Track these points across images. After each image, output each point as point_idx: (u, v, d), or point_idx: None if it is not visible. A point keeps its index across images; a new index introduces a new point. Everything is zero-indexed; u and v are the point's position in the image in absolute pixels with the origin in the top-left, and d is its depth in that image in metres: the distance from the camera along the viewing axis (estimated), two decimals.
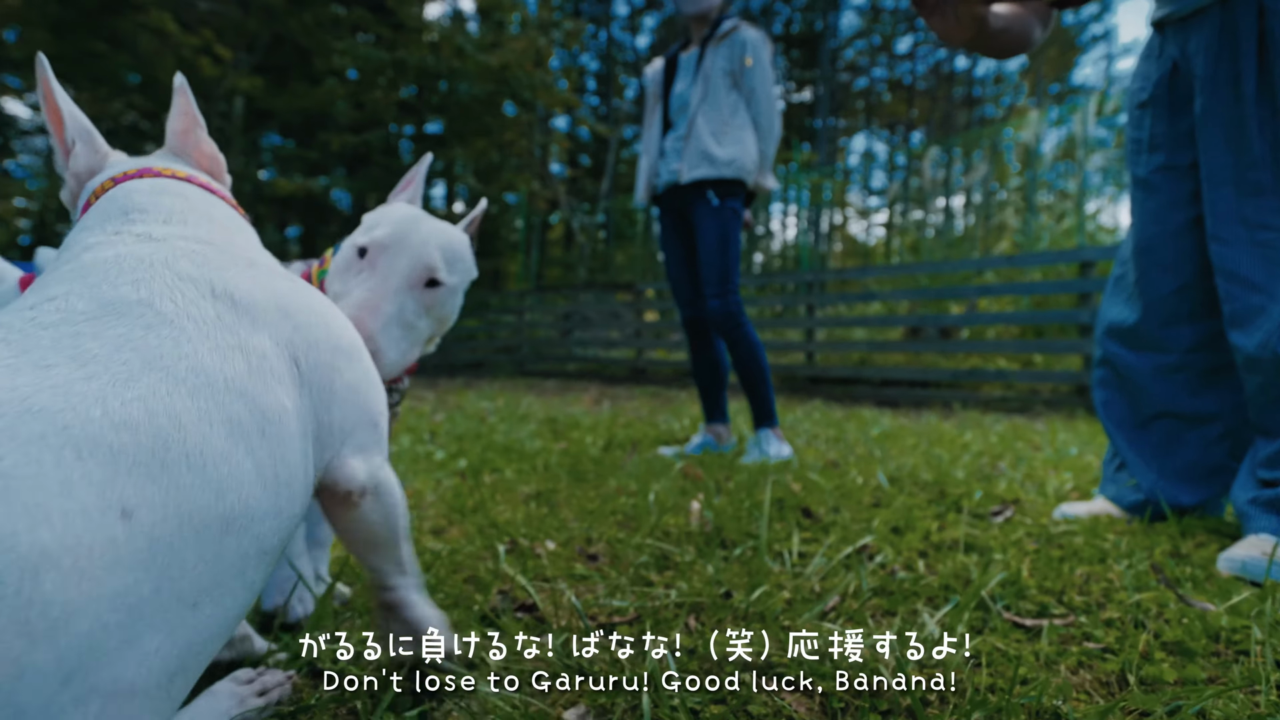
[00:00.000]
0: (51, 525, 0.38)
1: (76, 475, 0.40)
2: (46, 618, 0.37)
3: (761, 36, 2.61)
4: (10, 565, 0.36)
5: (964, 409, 5.01)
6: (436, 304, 0.89)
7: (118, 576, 0.40)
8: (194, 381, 0.49)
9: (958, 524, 1.47)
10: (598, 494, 1.76)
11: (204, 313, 0.53)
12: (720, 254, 2.55)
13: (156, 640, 0.42)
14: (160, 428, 0.45)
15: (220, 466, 0.47)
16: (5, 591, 0.36)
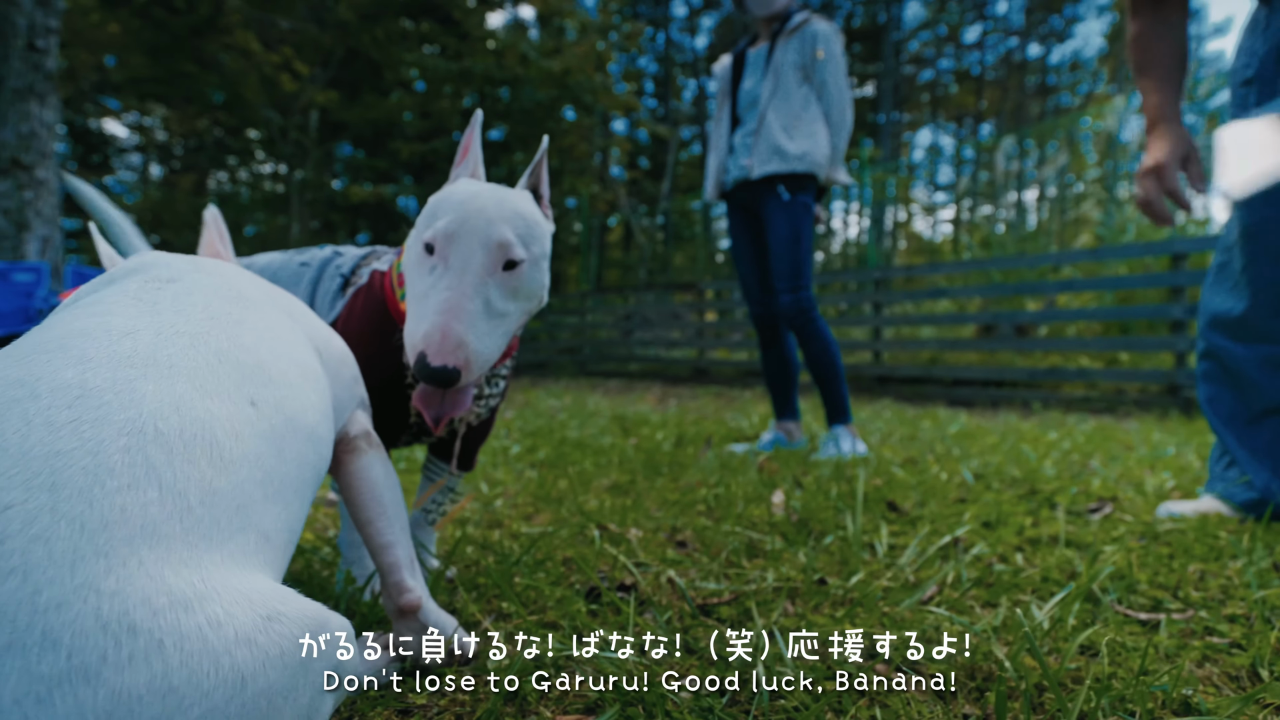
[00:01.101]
0: (212, 399, 0.50)
1: (221, 373, 0.53)
2: (221, 458, 0.48)
3: (834, 29, 2.58)
4: (193, 420, 0.48)
5: (1044, 409, 4.81)
6: (522, 284, 0.82)
7: (254, 444, 0.51)
8: (273, 335, 0.62)
9: (1053, 520, 1.42)
10: (676, 486, 1.78)
11: (262, 298, 0.68)
12: (792, 249, 2.53)
13: (276, 509, 0.52)
14: (262, 356, 0.58)
15: (298, 391, 0.60)
16: (194, 434, 0.47)
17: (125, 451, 0.43)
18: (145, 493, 0.42)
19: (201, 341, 0.54)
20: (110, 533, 0.40)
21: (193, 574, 0.42)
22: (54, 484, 0.40)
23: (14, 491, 0.39)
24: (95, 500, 0.40)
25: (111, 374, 0.47)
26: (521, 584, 0.98)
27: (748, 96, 2.67)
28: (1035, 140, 10.00)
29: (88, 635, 0.36)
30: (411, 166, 13.97)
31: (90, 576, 0.38)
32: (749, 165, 2.58)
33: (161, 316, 0.55)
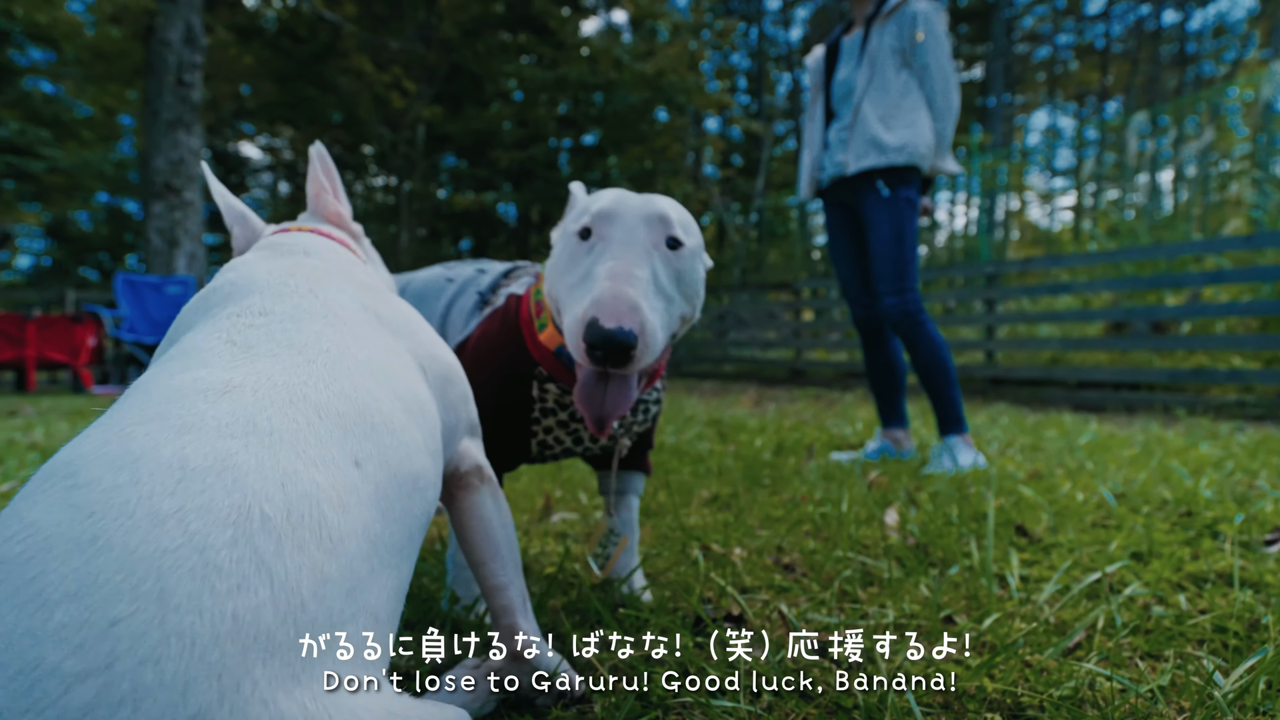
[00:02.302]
0: (318, 468, 0.46)
1: (322, 431, 0.48)
2: (332, 538, 0.44)
3: (935, 7, 2.41)
4: (300, 497, 0.44)
5: (1189, 415, 4.33)
6: (684, 269, 0.77)
7: (361, 514, 0.47)
8: (372, 367, 0.57)
9: (1219, 553, 1.25)
10: (779, 500, 1.71)
11: (361, 319, 0.63)
12: (895, 248, 2.39)
13: (386, 576, 0.48)
14: (363, 401, 0.53)
15: (402, 434, 0.55)
16: (303, 516, 0.43)
17: (232, 545, 0.39)
18: (257, 594, 0.39)
19: (300, 395, 0.50)
20: (222, 648, 0.37)
21: (304, 694, 0.39)
22: (161, 591, 0.37)
23: (122, 604, 0.36)
24: (205, 609, 0.37)
25: (211, 447, 0.44)
26: (625, 612, 0.95)
27: (842, 88, 2.54)
28: (1172, 116, 9.06)
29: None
30: (510, 174, 14.44)
31: (204, 706, 0.35)
32: (844, 161, 2.46)
33: (257, 364, 0.52)
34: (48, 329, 5.75)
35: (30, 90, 9.78)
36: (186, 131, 7.04)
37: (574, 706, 0.73)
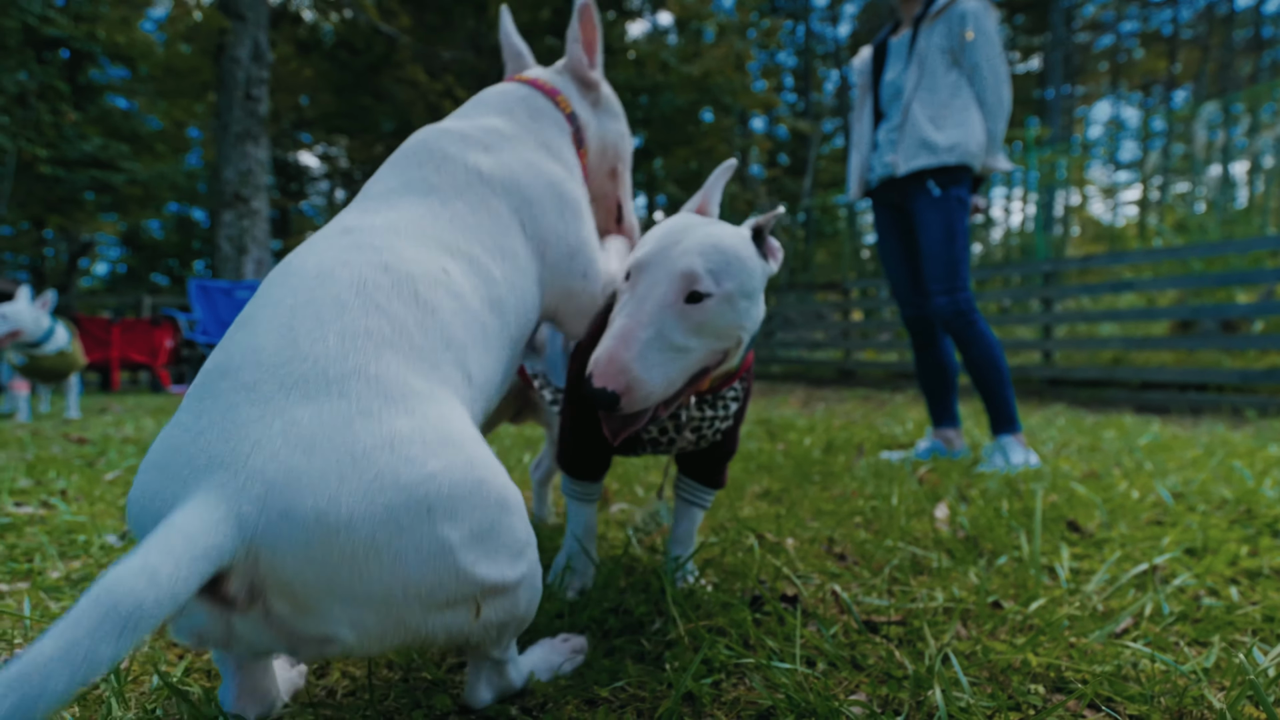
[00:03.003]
0: (413, 265, 0.68)
1: (415, 249, 0.70)
2: (420, 302, 0.65)
3: (984, 5, 2.40)
4: (402, 276, 0.66)
5: (1261, 417, 4.17)
6: (708, 319, 0.80)
7: (446, 296, 0.68)
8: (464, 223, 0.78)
9: (1276, 550, 1.25)
10: (829, 495, 1.75)
11: (461, 180, 0.81)
12: (946, 247, 2.39)
13: (476, 349, 0.70)
14: (457, 238, 0.76)
15: (488, 268, 0.76)
16: (402, 286, 0.65)
17: (356, 293, 0.62)
18: (375, 318, 0.61)
19: (397, 229, 0.72)
20: (366, 345, 0.59)
21: (416, 378, 0.59)
22: (319, 316, 0.60)
23: (307, 322, 0.59)
24: (345, 325, 0.59)
25: (335, 257, 0.66)
26: (687, 589, 1.02)
27: (890, 88, 2.55)
28: (1246, 104, 8.65)
29: (355, 391, 0.55)
30: None
31: (360, 362, 0.57)
32: (894, 162, 2.47)
33: (379, 216, 0.75)
34: (130, 332, 6.14)
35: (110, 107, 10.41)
36: (254, 144, 7.40)
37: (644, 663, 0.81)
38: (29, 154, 7.29)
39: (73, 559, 1.18)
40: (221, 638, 0.51)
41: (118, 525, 1.39)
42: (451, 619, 0.56)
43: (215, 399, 0.55)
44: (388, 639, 0.54)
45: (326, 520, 0.48)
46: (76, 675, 0.39)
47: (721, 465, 1.07)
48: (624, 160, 1.08)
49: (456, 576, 0.54)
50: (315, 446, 0.50)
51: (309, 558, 0.48)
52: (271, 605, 0.50)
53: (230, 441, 0.51)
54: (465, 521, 0.54)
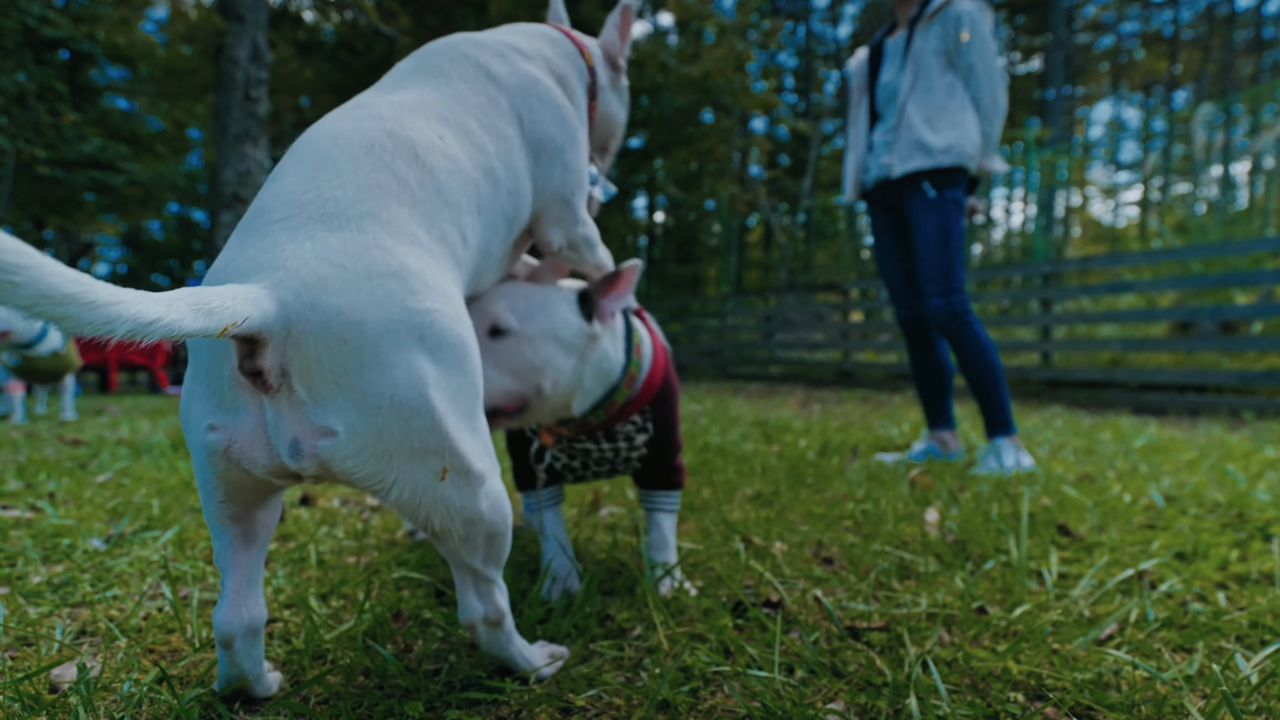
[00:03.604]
0: (412, 132, 0.75)
1: (417, 120, 0.77)
2: (420, 162, 0.73)
3: (979, 6, 2.39)
4: (402, 141, 0.73)
5: (1259, 419, 4.16)
6: (505, 354, 0.90)
7: (441, 159, 0.75)
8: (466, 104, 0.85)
9: (1266, 554, 1.24)
10: (821, 498, 1.74)
11: (469, 72, 0.88)
12: (941, 249, 2.39)
13: (468, 212, 0.77)
14: (454, 111, 0.83)
15: (481, 140, 0.82)
16: (403, 148, 0.73)
17: (367, 153, 0.71)
18: (384, 174, 0.69)
19: (404, 105, 0.80)
20: (375, 193, 0.68)
21: (418, 229, 0.69)
22: (338, 169, 0.69)
23: (327, 173, 0.68)
24: (360, 175, 0.68)
25: (348, 125, 0.74)
26: (670, 595, 1.02)
27: (886, 90, 2.54)
28: (1246, 105, 8.64)
29: (371, 229, 0.64)
30: None
31: (373, 207, 0.66)
32: (889, 163, 2.46)
33: (390, 96, 0.83)
34: None
35: (109, 108, 10.42)
36: (253, 144, 7.41)
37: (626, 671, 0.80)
38: (28, 155, 7.30)
39: (55, 563, 1.17)
40: (254, 435, 0.60)
41: (104, 529, 1.39)
42: (419, 473, 0.63)
43: (255, 231, 0.64)
44: (367, 455, 0.60)
45: (344, 316, 0.59)
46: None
47: (664, 472, 1.13)
48: (614, 141, 1.15)
49: (427, 412, 0.62)
50: (339, 262, 0.61)
51: (326, 344, 0.58)
52: (294, 389, 0.59)
53: (271, 254, 0.60)
54: (444, 365, 0.64)
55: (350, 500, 1.73)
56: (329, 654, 0.84)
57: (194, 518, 1.48)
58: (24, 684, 0.71)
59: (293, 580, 1.08)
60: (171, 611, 0.95)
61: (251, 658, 0.70)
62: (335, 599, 1.04)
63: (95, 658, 0.82)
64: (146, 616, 0.95)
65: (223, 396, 0.60)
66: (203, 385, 0.61)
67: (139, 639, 0.88)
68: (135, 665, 0.80)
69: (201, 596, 1.03)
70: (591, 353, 0.95)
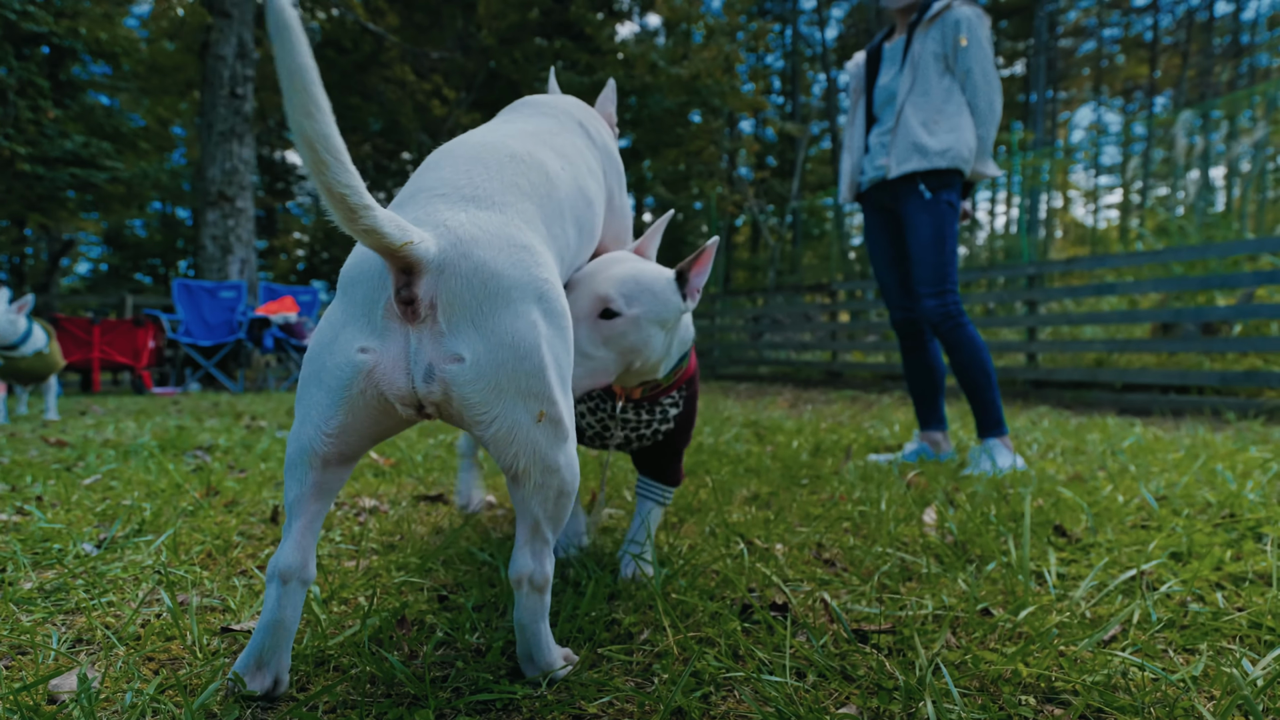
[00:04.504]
0: (541, 153, 0.89)
1: (544, 147, 0.92)
2: (549, 178, 0.87)
3: (977, 12, 2.42)
4: (537, 160, 0.87)
5: (1240, 419, 4.22)
6: (614, 333, 0.96)
7: (564, 184, 0.90)
8: (576, 145, 1.02)
9: (1260, 554, 1.26)
10: (818, 499, 1.75)
11: (570, 124, 1.07)
12: (936, 250, 2.40)
13: (571, 228, 0.90)
14: (565, 148, 0.97)
15: (584, 176, 0.97)
16: (537, 166, 0.86)
17: (511, 160, 0.84)
18: (525, 176, 0.83)
19: (530, 134, 0.94)
20: (515, 191, 0.81)
21: (542, 225, 0.82)
22: (485, 168, 0.81)
23: (477, 168, 0.80)
24: (503, 179, 0.81)
25: (492, 139, 0.88)
26: (676, 598, 1.02)
27: (884, 93, 2.56)
28: (1224, 110, 8.79)
29: (510, 214, 0.77)
30: None
31: (511, 198, 0.79)
32: (886, 165, 2.48)
33: (517, 124, 0.99)
34: (111, 333, 6.04)
35: (92, 104, 10.25)
36: (239, 142, 7.32)
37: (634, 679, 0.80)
38: (8, 151, 7.16)
39: (46, 568, 1.15)
40: (398, 359, 0.70)
41: (94, 533, 1.36)
42: (520, 411, 0.71)
43: (416, 202, 0.76)
44: (484, 383, 0.69)
45: (487, 266, 0.70)
46: None
47: (669, 463, 1.19)
48: None
49: (539, 358, 0.72)
50: (486, 229, 0.73)
51: (470, 285, 0.69)
52: (437, 320, 0.69)
53: (433, 216, 0.73)
54: (554, 326, 0.75)
55: (345, 503, 1.71)
56: (333, 660, 0.83)
57: (187, 522, 1.46)
58: (22, 694, 0.69)
59: None
60: (170, 618, 0.93)
61: (294, 605, 0.74)
62: (336, 603, 1.02)
63: (94, 667, 0.80)
64: (144, 623, 0.94)
65: (375, 324, 0.70)
66: (358, 314, 0.71)
67: (137, 647, 0.86)
68: (135, 674, 0.78)
69: (200, 603, 1.01)
70: (679, 326, 1.06)
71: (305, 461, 0.73)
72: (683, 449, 1.19)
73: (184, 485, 1.79)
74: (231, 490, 1.76)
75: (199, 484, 1.83)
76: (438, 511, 1.65)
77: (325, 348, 0.72)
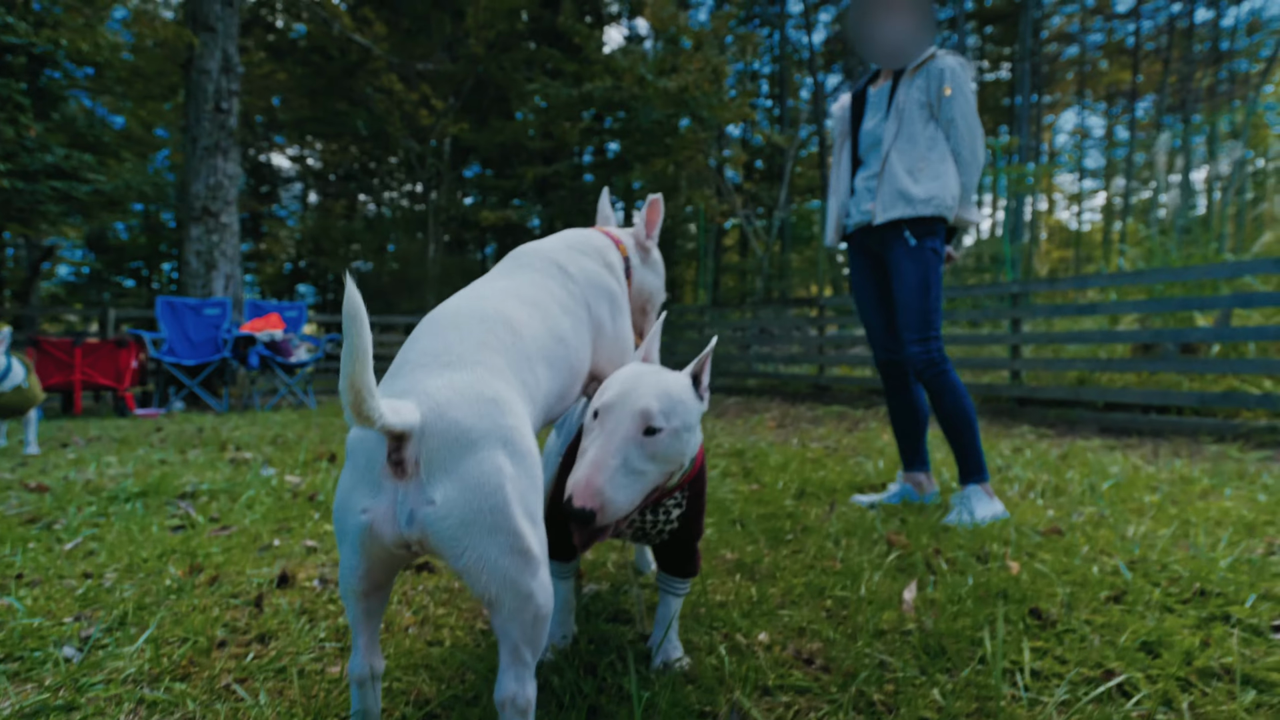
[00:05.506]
0: (511, 308, 1.02)
1: (513, 302, 1.05)
2: (515, 331, 0.99)
3: (961, 62, 2.45)
4: (505, 316, 1.00)
5: (1217, 442, 4.29)
6: (660, 449, 1.02)
7: (532, 332, 1.02)
8: (548, 293, 1.13)
9: (1227, 642, 1.29)
10: (802, 563, 1.77)
11: (550, 269, 1.18)
12: (921, 297, 2.43)
13: (544, 371, 1.02)
14: (539, 296, 1.10)
15: (558, 316, 1.10)
16: (505, 322, 0.99)
17: (480, 322, 0.97)
18: (494, 335, 0.95)
19: (501, 291, 1.07)
20: (482, 349, 0.93)
21: (510, 373, 0.93)
22: (460, 333, 0.94)
23: (452, 335, 0.94)
24: (469, 338, 0.94)
25: (465, 304, 1.02)
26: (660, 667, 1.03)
27: (869, 137, 2.59)
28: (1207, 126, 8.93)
29: (480, 371, 0.89)
30: (536, 184, 14.58)
31: (479, 356, 0.91)
32: (872, 210, 2.51)
33: (495, 283, 1.11)
34: (93, 354, 5.97)
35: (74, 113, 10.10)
36: (224, 157, 7.26)
37: None
38: None
39: (25, 681, 1.14)
40: (388, 511, 0.80)
41: (75, 628, 1.35)
42: (489, 545, 0.80)
43: (402, 375, 0.88)
44: (454, 520, 0.79)
45: (459, 424, 0.81)
46: None
47: (684, 559, 1.24)
48: (653, 304, 1.45)
49: (500, 497, 0.80)
50: (458, 389, 0.85)
51: (445, 441, 0.80)
52: (420, 473, 0.79)
53: (416, 386, 0.85)
54: (518, 465, 0.84)
55: (331, 580, 1.71)
56: None
57: (170, 609, 1.45)
58: None
59: (275, 707, 1.06)
60: None
61: (374, 697, 0.92)
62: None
63: None
64: None
65: (373, 484, 0.81)
66: (360, 478, 0.82)
67: None
68: None
69: None
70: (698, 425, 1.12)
71: (351, 596, 0.87)
72: (695, 541, 1.24)
73: (166, 556, 1.79)
74: (215, 562, 1.76)
75: (182, 554, 1.83)
76: (425, 585, 1.66)
77: (341, 509, 0.84)
